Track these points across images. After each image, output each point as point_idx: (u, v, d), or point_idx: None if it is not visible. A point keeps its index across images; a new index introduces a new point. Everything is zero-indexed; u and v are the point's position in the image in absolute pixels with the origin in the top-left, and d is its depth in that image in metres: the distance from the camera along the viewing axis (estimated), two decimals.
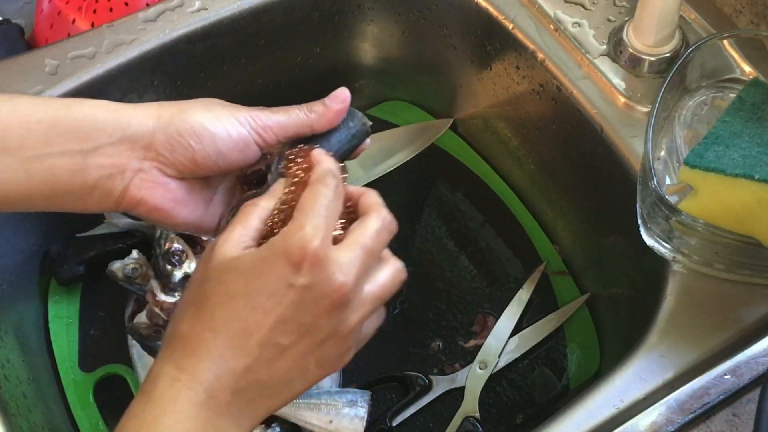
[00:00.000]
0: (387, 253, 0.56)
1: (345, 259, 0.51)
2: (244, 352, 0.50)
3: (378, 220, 0.54)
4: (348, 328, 0.52)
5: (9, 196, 0.57)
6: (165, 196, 0.59)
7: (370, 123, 0.61)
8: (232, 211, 0.60)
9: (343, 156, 0.61)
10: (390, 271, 0.55)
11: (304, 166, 0.56)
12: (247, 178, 0.61)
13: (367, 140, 0.62)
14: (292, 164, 0.57)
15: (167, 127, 0.57)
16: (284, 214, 0.54)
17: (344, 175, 0.56)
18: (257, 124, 0.58)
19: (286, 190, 0.56)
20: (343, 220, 0.54)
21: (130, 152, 0.57)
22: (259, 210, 0.54)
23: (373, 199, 0.56)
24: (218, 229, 0.61)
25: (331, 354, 0.53)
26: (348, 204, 0.56)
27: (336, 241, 0.52)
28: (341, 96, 0.60)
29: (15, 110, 0.56)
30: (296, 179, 0.56)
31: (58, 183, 0.57)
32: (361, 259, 0.52)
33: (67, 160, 0.56)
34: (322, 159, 0.56)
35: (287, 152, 0.58)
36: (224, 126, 0.57)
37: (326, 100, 0.60)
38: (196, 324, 0.51)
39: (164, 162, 0.58)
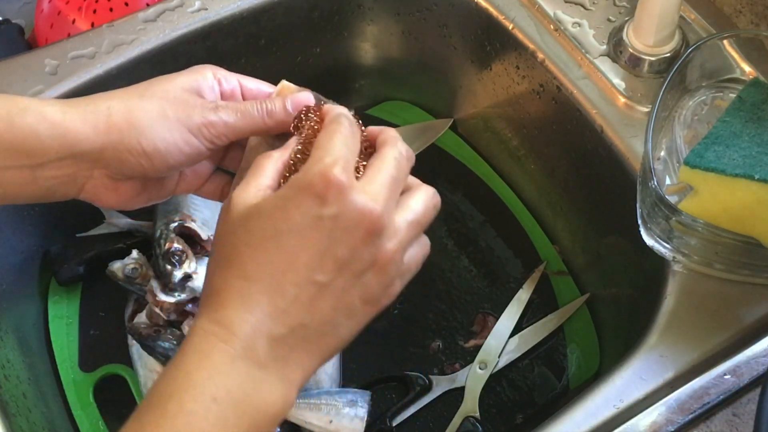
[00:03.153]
0: (416, 180, 0.55)
1: (370, 186, 0.51)
2: (280, 295, 0.48)
3: (394, 149, 0.54)
4: (386, 256, 0.51)
5: None
6: (120, 197, 0.59)
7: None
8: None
9: None
10: (422, 197, 0.54)
11: (316, 119, 0.55)
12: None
13: None
14: (303, 121, 0.56)
15: (117, 146, 0.56)
16: (300, 164, 0.53)
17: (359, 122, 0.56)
18: (210, 134, 0.57)
19: (301, 141, 0.55)
20: (364, 163, 0.54)
21: (79, 164, 0.56)
22: (272, 161, 0.53)
23: (389, 134, 0.55)
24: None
25: (374, 287, 0.51)
26: (367, 145, 0.55)
27: (357, 179, 0.51)
28: (304, 103, 0.59)
29: None
30: (309, 131, 0.55)
31: (10, 193, 0.56)
32: (386, 185, 0.51)
33: (14, 173, 0.55)
34: (334, 106, 0.55)
35: (301, 112, 0.57)
36: (176, 142, 0.56)
37: (288, 104, 0.58)
38: (227, 276, 0.49)
39: (113, 171, 0.57)
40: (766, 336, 0.64)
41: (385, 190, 0.51)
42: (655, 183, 0.65)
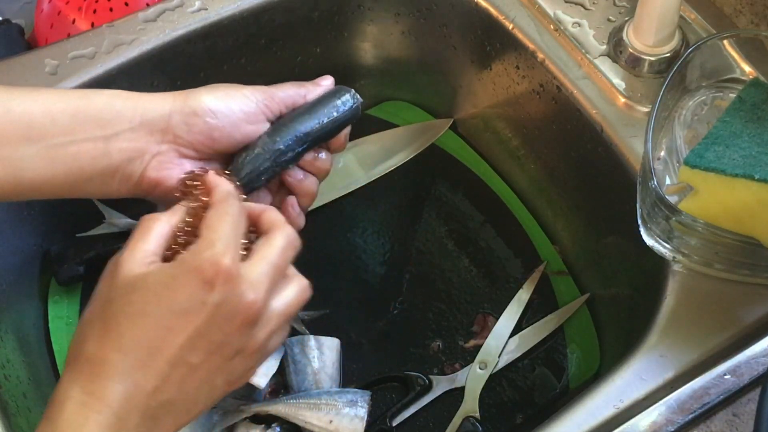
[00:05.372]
0: (292, 270, 0.56)
1: (254, 276, 0.52)
2: (153, 372, 0.50)
3: (283, 237, 0.55)
4: (256, 344, 0.53)
5: (34, 184, 0.58)
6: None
7: (361, 100, 0.67)
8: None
9: (334, 125, 0.65)
10: (296, 289, 0.55)
11: (203, 188, 0.57)
12: None
13: (346, 130, 0.67)
14: (190, 186, 0.58)
15: (183, 108, 0.60)
16: (187, 235, 0.55)
17: (243, 196, 0.58)
18: (263, 96, 0.62)
19: (189, 208, 0.56)
20: (245, 240, 0.55)
21: (149, 136, 0.60)
22: (160, 225, 0.54)
23: (275, 216, 0.57)
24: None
25: (238, 370, 0.53)
26: (249, 223, 0.56)
27: (241, 260, 0.53)
28: (326, 78, 0.67)
29: (37, 100, 0.58)
30: (196, 200, 0.57)
31: (81, 169, 0.58)
32: (270, 276, 0.53)
33: (89, 146, 0.58)
34: (220, 181, 0.57)
35: (184, 176, 0.59)
36: (236, 101, 0.61)
37: (315, 80, 0.67)
38: (103, 345, 0.50)
39: (181, 143, 0.60)
40: (766, 336, 0.64)
41: (267, 279, 0.53)
42: (655, 183, 0.65)
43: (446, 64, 0.93)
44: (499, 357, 0.80)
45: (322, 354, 0.76)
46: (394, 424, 0.78)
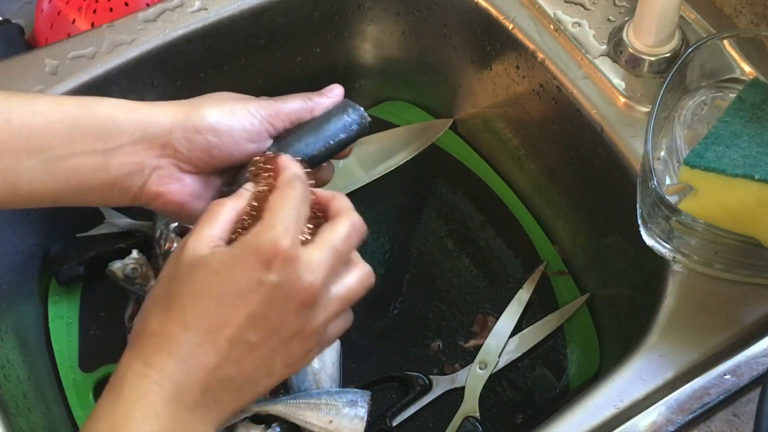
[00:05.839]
0: (356, 256, 0.57)
1: (314, 260, 0.52)
2: (213, 349, 0.51)
3: (348, 223, 0.55)
4: (313, 328, 0.54)
5: (32, 195, 0.58)
6: (182, 191, 0.60)
7: (369, 119, 0.64)
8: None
9: (340, 146, 0.63)
10: (358, 275, 0.56)
11: (272, 171, 0.57)
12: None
13: (350, 148, 0.65)
14: (260, 169, 0.58)
15: (184, 124, 0.59)
16: (252, 219, 0.55)
17: (311, 181, 0.58)
18: (267, 113, 0.61)
19: (256, 192, 0.57)
20: (311, 225, 0.55)
21: (149, 151, 0.59)
22: (227, 210, 0.55)
23: (343, 203, 0.57)
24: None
25: (296, 353, 0.54)
26: (317, 209, 0.57)
27: (304, 244, 0.53)
28: (335, 89, 0.65)
29: (37, 112, 0.57)
30: (265, 184, 0.57)
31: (81, 181, 0.58)
32: (330, 261, 0.53)
33: (89, 159, 0.58)
34: (290, 164, 0.57)
35: (255, 158, 0.59)
36: (239, 119, 0.60)
37: (322, 91, 0.64)
38: (166, 321, 0.51)
39: (181, 158, 0.60)
40: (766, 336, 0.64)
41: (327, 264, 0.53)
42: (655, 183, 0.65)
43: (446, 64, 0.93)
44: (499, 357, 0.81)
45: (322, 354, 0.76)
46: (394, 424, 0.78)
